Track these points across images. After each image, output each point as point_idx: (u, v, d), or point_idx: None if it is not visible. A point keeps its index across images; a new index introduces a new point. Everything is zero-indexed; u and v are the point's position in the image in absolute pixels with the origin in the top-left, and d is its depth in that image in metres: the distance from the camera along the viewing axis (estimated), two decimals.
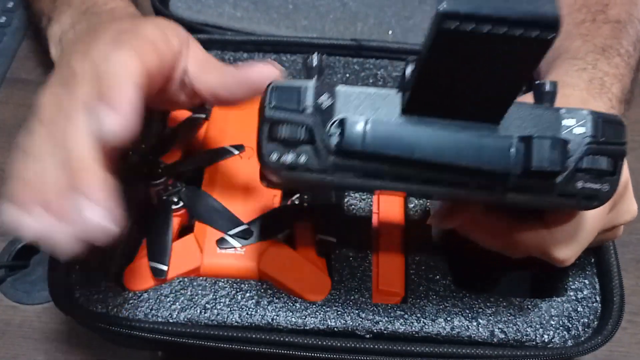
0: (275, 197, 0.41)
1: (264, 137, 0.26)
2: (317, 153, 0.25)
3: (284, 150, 0.25)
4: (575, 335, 0.35)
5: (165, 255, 0.37)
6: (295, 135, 0.25)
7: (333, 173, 0.26)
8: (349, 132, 0.24)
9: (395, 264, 0.39)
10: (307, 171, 0.25)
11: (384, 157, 0.25)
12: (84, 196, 0.26)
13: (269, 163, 0.25)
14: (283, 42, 0.48)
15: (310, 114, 0.25)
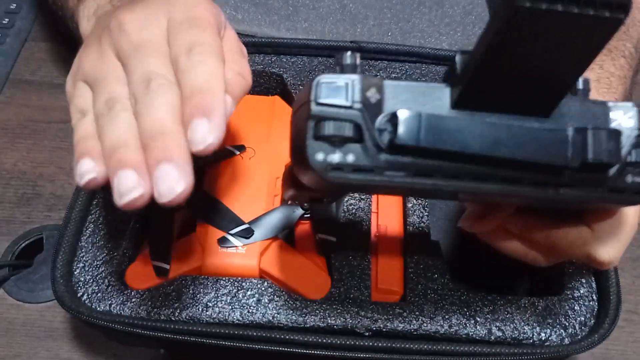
0: (275, 197, 0.41)
1: (308, 136, 0.24)
2: (366, 151, 0.24)
3: (330, 149, 0.24)
4: (572, 334, 0.36)
5: (167, 254, 0.38)
6: (343, 132, 0.23)
7: (382, 173, 0.24)
8: (402, 126, 0.23)
9: (394, 263, 0.39)
10: (355, 171, 0.24)
11: (439, 152, 0.23)
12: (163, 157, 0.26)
13: (315, 164, 0.23)
14: (283, 43, 0.49)
15: (359, 110, 0.24)
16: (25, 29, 0.61)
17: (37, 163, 0.51)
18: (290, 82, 0.47)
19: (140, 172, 0.26)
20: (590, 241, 0.30)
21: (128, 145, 0.27)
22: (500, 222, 0.31)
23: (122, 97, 0.28)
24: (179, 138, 0.27)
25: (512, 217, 0.31)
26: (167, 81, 0.28)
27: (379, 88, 0.24)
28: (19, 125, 0.54)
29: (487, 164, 0.24)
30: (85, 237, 0.39)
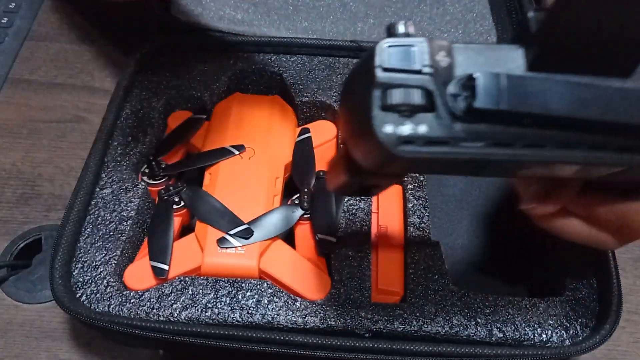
0: (275, 197, 0.41)
1: (375, 106, 0.21)
2: (439, 121, 0.21)
3: (399, 120, 0.21)
4: (573, 335, 0.35)
5: (166, 255, 0.38)
6: (413, 100, 0.21)
7: (458, 144, 0.22)
8: (481, 89, 0.21)
9: (395, 264, 0.39)
10: (428, 144, 0.21)
11: (521, 116, 0.21)
12: None
13: (383, 137, 0.21)
14: (283, 43, 0.49)
15: (429, 74, 0.21)
16: (24, 29, 0.60)
17: (36, 163, 0.51)
18: (290, 82, 0.47)
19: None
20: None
21: None
22: (566, 202, 0.29)
23: None
24: None
25: (579, 196, 0.29)
26: None
27: (448, 51, 0.22)
28: (17, 125, 0.54)
29: (571, 128, 0.22)
30: (84, 237, 0.39)
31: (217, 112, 0.46)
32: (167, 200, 0.40)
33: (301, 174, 0.42)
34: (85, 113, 0.55)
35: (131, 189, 0.41)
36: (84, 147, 0.49)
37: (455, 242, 0.45)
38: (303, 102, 0.46)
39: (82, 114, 0.55)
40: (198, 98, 0.47)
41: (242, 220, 0.39)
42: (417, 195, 0.41)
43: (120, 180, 0.41)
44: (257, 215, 0.39)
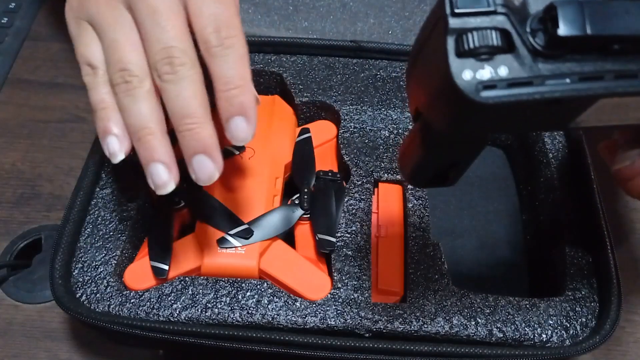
0: (275, 197, 0.41)
1: (450, 54, 0.20)
2: (520, 60, 0.20)
3: (477, 65, 0.20)
4: (573, 335, 0.35)
5: (166, 255, 0.38)
6: (491, 41, 0.20)
7: (543, 83, 0.20)
8: (564, 17, 0.20)
9: (395, 264, 0.39)
10: (511, 86, 0.20)
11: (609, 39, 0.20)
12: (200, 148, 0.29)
13: (463, 85, 0.20)
14: (283, 43, 0.49)
15: (504, 14, 0.21)
16: (24, 29, 0.61)
17: (36, 163, 0.51)
18: (290, 82, 0.47)
19: (172, 164, 0.30)
20: None
21: (154, 132, 0.29)
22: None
23: (136, 69, 0.29)
24: (210, 128, 0.29)
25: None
26: (190, 61, 0.29)
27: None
28: (17, 124, 0.54)
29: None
30: (84, 237, 0.39)
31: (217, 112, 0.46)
32: (167, 200, 0.40)
33: (301, 174, 0.42)
34: (85, 113, 0.55)
35: (131, 189, 0.41)
36: (84, 147, 0.49)
37: (455, 242, 0.45)
38: (303, 102, 0.46)
39: (82, 114, 0.55)
40: None
41: (241, 220, 0.39)
42: (417, 195, 0.41)
43: (120, 180, 0.41)
44: (257, 215, 0.39)
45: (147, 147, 0.29)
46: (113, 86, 0.30)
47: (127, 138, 0.30)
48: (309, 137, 0.44)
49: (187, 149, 0.29)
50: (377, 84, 0.48)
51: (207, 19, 0.29)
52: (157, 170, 0.29)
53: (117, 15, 0.30)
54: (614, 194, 0.51)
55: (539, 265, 0.43)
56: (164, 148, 0.29)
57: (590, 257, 0.39)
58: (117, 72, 0.29)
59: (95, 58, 0.31)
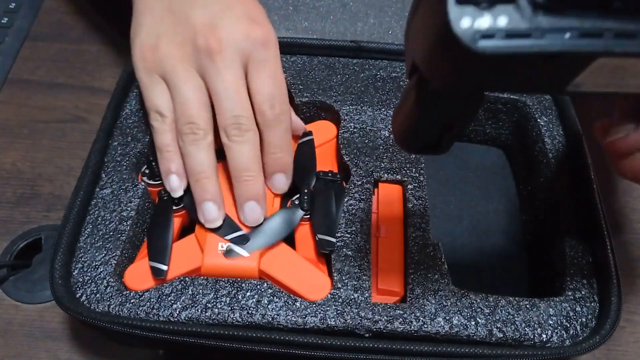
0: (275, 197, 0.41)
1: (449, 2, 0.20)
2: (520, 11, 0.20)
3: (476, 12, 0.20)
4: (573, 335, 0.35)
5: (166, 256, 0.38)
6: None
7: (543, 36, 0.20)
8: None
9: (395, 264, 0.39)
10: (510, 37, 0.20)
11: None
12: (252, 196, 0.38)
13: (461, 32, 0.20)
14: (283, 42, 0.48)
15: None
16: (24, 28, 0.61)
17: (36, 163, 0.51)
18: (290, 82, 0.47)
19: (220, 204, 0.38)
20: None
21: (210, 176, 0.37)
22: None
23: (203, 124, 0.37)
24: (262, 181, 0.38)
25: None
26: (254, 130, 0.37)
27: None
28: (17, 125, 0.54)
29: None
30: (84, 237, 0.39)
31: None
32: (167, 201, 0.40)
33: (302, 174, 0.42)
34: (85, 113, 0.55)
35: (131, 189, 0.41)
36: (84, 147, 0.49)
37: (455, 242, 0.45)
38: (303, 102, 0.46)
39: (82, 114, 0.55)
40: None
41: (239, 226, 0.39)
42: (417, 195, 0.41)
43: (120, 180, 0.41)
44: None
45: (203, 188, 0.37)
46: (180, 135, 0.37)
47: (185, 179, 0.38)
48: (311, 140, 0.44)
49: (241, 197, 0.38)
50: (377, 84, 0.48)
51: (265, 96, 0.37)
52: (208, 207, 0.37)
53: (191, 77, 0.37)
54: (614, 194, 0.51)
55: (539, 265, 0.43)
56: (216, 190, 0.37)
57: (590, 257, 0.39)
58: (186, 124, 0.37)
59: (165, 108, 0.37)
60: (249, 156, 0.37)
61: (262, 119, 0.37)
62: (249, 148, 0.37)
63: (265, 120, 0.37)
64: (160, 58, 0.37)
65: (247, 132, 0.37)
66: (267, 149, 0.38)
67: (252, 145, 0.37)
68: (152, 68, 0.37)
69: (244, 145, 0.37)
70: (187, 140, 0.37)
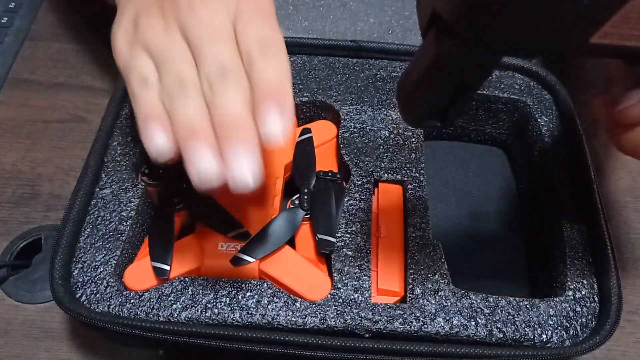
0: (275, 197, 0.41)
1: None
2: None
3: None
4: (573, 335, 0.35)
5: (168, 255, 0.38)
6: None
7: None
8: None
9: (395, 264, 0.39)
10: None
11: None
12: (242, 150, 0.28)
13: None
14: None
15: None
16: (24, 28, 0.60)
17: (36, 163, 0.51)
18: None
19: (217, 156, 0.28)
20: None
21: (204, 128, 0.29)
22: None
23: (193, 80, 0.30)
24: (253, 131, 0.29)
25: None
26: (241, 75, 0.30)
27: None
28: (17, 124, 0.54)
29: None
30: (84, 237, 0.39)
31: None
32: (167, 201, 0.40)
33: (301, 174, 0.42)
34: (85, 113, 0.55)
35: (131, 189, 0.41)
36: (84, 147, 0.49)
37: (455, 242, 0.45)
38: (303, 102, 0.46)
39: (82, 114, 0.55)
40: None
41: (240, 222, 0.39)
42: (417, 196, 0.41)
43: (120, 180, 0.41)
44: (257, 216, 0.39)
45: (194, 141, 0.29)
46: (166, 94, 0.30)
47: (174, 140, 0.30)
48: (310, 138, 0.44)
49: (229, 150, 0.28)
50: (377, 84, 0.48)
51: (253, 40, 0.30)
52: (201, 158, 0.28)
53: (174, 40, 0.31)
54: (614, 194, 0.51)
55: (539, 265, 0.43)
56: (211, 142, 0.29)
57: (590, 258, 0.39)
58: (173, 81, 0.30)
59: (150, 76, 0.31)
60: (238, 102, 0.29)
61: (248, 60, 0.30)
62: (237, 95, 0.29)
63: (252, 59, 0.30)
64: (140, 31, 0.32)
65: (234, 79, 0.29)
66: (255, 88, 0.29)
67: (242, 92, 0.29)
68: (134, 44, 0.32)
69: (232, 92, 0.29)
70: (174, 97, 0.30)
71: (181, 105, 0.29)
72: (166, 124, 0.30)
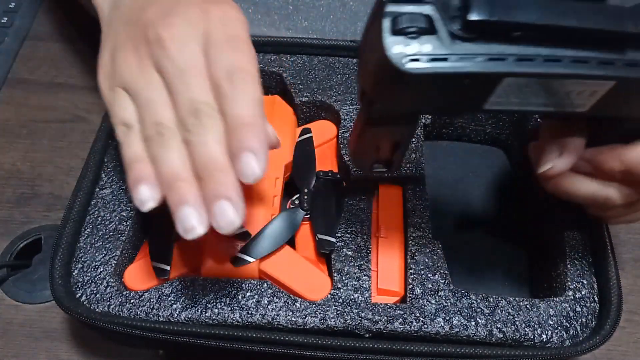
0: (275, 197, 0.41)
1: (385, 32, 0.25)
2: (440, 41, 0.25)
3: (406, 41, 0.25)
4: (573, 335, 0.35)
5: (168, 255, 0.38)
6: (417, 23, 0.25)
7: (458, 59, 0.25)
8: (475, 4, 0.25)
9: (395, 264, 0.39)
10: (432, 61, 0.25)
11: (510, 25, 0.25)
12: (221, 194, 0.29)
13: (393, 56, 0.25)
14: (283, 42, 0.48)
15: (431, 4, 0.25)
16: (24, 28, 0.60)
17: (36, 163, 0.51)
18: (290, 81, 0.47)
19: (200, 209, 0.29)
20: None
21: (185, 179, 0.29)
22: (576, 155, 0.33)
23: (169, 123, 0.30)
24: (231, 174, 0.29)
25: (586, 151, 0.33)
26: (214, 112, 0.30)
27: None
28: (17, 125, 0.54)
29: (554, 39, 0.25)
30: (84, 237, 0.39)
31: None
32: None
33: (302, 174, 0.42)
34: (85, 113, 0.55)
35: None
36: (84, 147, 0.49)
37: (455, 242, 0.45)
38: (303, 102, 0.46)
39: (82, 114, 0.55)
40: None
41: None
42: (417, 195, 0.41)
43: (120, 180, 0.41)
44: (257, 215, 0.39)
45: (177, 193, 0.29)
46: (147, 140, 0.31)
47: (159, 188, 0.30)
48: (310, 138, 0.44)
49: (208, 195, 0.29)
50: None
51: (222, 69, 0.30)
52: (185, 214, 0.29)
53: (149, 78, 0.31)
54: None
55: (539, 265, 0.43)
56: (194, 193, 0.29)
57: (590, 258, 0.39)
58: (152, 127, 0.30)
59: (131, 119, 0.32)
60: (212, 144, 0.29)
61: (217, 93, 0.30)
62: (212, 136, 0.29)
63: (221, 92, 0.30)
64: (117, 69, 0.32)
65: (209, 118, 0.29)
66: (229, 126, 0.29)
67: (215, 132, 0.29)
68: (113, 83, 0.33)
69: (205, 133, 0.29)
70: (154, 144, 0.30)
71: (161, 153, 0.30)
72: (149, 170, 0.30)
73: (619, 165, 0.32)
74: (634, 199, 0.34)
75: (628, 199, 0.34)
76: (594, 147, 0.33)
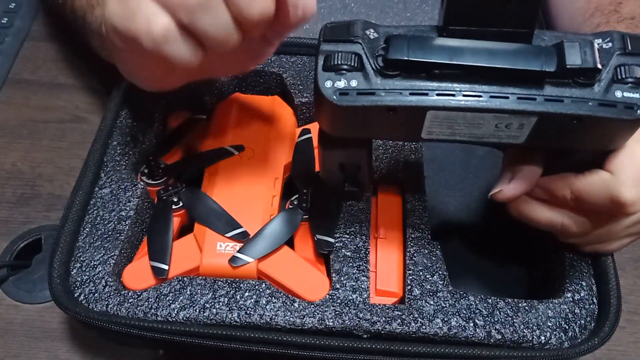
0: (274, 197, 0.41)
1: (319, 69, 0.28)
2: (366, 77, 0.28)
3: (336, 77, 0.28)
4: (572, 337, 0.35)
5: (166, 255, 0.38)
6: (347, 61, 0.28)
7: (383, 94, 0.28)
8: (394, 45, 0.27)
9: (394, 265, 0.39)
10: (360, 95, 0.28)
11: (426, 66, 0.27)
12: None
13: (324, 90, 0.28)
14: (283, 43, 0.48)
15: (359, 43, 0.28)
16: (24, 29, 0.61)
17: (36, 163, 0.51)
18: (290, 82, 0.47)
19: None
20: (611, 184, 0.32)
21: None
22: (529, 186, 0.34)
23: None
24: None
25: (539, 180, 0.34)
26: None
27: (376, 29, 0.29)
28: (17, 125, 0.54)
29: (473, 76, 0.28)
30: (83, 237, 0.39)
31: (217, 112, 0.46)
32: (166, 201, 0.40)
33: (301, 175, 0.42)
34: (85, 113, 0.55)
35: (130, 188, 0.41)
36: (84, 147, 0.49)
37: (454, 242, 0.45)
38: (303, 102, 0.46)
39: (82, 114, 0.55)
40: (198, 98, 0.47)
41: (239, 222, 0.39)
42: (417, 196, 0.41)
43: (119, 180, 0.41)
44: (256, 216, 0.39)
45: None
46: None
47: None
48: (309, 138, 0.44)
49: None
50: None
51: None
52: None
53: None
54: None
55: (538, 267, 0.43)
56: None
57: (589, 259, 0.38)
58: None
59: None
60: None
61: None
62: None
63: None
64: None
65: None
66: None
67: None
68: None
69: None
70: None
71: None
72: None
73: (570, 193, 0.34)
74: (588, 227, 0.35)
75: (583, 227, 0.35)
76: (549, 176, 0.34)
